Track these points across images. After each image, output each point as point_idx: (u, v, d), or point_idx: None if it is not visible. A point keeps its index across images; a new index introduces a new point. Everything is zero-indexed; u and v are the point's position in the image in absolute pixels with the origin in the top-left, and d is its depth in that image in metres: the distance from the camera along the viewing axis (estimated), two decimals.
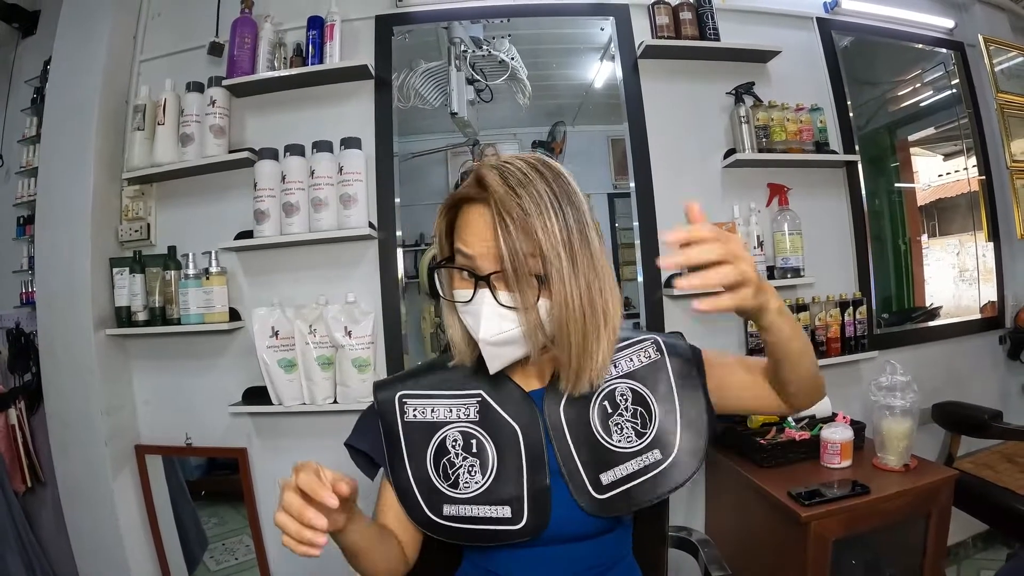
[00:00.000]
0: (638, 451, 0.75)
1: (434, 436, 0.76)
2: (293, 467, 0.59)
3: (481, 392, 0.78)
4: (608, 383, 0.78)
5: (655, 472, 0.74)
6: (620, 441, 0.75)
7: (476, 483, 0.74)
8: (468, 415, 0.77)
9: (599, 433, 0.76)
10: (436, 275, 0.75)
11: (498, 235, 0.66)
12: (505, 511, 0.72)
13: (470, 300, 0.71)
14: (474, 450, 0.75)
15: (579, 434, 0.76)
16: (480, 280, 0.69)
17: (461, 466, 0.75)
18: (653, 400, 0.78)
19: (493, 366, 0.73)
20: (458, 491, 0.74)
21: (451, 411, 0.78)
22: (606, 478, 0.74)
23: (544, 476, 0.74)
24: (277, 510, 0.58)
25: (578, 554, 0.76)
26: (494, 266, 0.68)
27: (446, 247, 0.75)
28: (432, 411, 0.78)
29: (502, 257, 0.65)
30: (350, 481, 0.60)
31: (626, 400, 0.78)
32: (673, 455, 0.75)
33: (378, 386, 0.82)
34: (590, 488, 0.73)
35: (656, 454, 0.75)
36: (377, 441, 0.79)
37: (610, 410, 0.77)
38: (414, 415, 0.78)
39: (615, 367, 0.80)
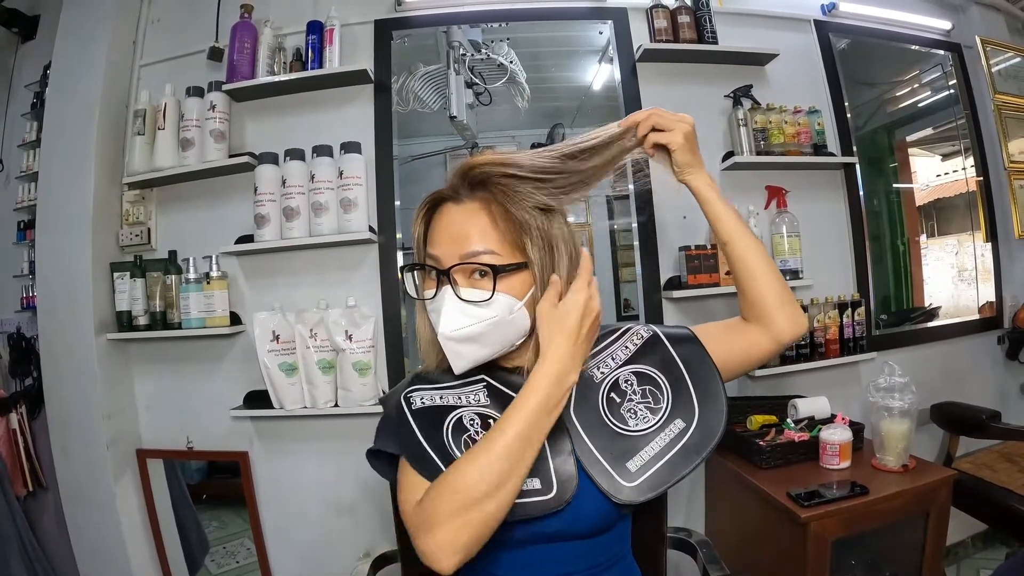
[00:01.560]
0: (659, 427, 0.76)
1: (448, 416, 0.74)
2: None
3: (484, 376, 0.79)
4: (610, 375, 0.80)
5: (685, 440, 0.75)
6: (638, 425, 0.76)
7: None
8: (479, 400, 0.77)
9: (615, 425, 0.76)
10: (412, 278, 0.79)
11: (490, 225, 0.73)
12: (535, 483, 0.70)
13: (434, 296, 0.74)
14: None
15: (595, 431, 0.76)
16: (442, 275, 0.73)
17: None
18: (659, 375, 0.80)
19: (457, 365, 0.74)
20: None
21: (460, 398, 0.77)
22: (634, 464, 0.74)
23: (566, 444, 0.74)
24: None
25: (577, 553, 0.76)
26: (455, 260, 0.72)
27: (422, 253, 0.78)
28: (440, 397, 0.77)
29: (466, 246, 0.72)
30: None
31: (631, 385, 0.79)
32: (696, 417, 0.76)
33: (383, 399, 0.83)
34: (619, 479, 0.73)
35: (679, 423, 0.76)
36: (395, 438, 0.76)
37: (618, 400, 0.78)
38: (422, 402, 0.76)
39: (612, 359, 0.82)
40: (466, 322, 0.72)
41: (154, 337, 1.72)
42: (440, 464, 0.70)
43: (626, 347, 0.83)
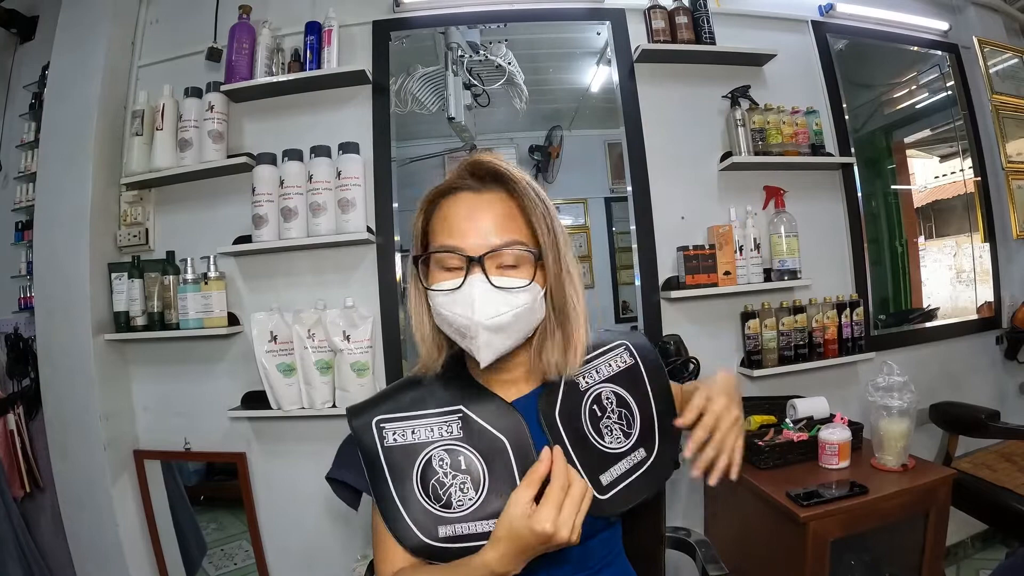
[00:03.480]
0: (627, 450, 0.79)
1: (418, 458, 0.74)
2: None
3: (461, 408, 0.77)
4: (594, 387, 0.82)
5: (643, 469, 0.79)
6: (612, 442, 0.79)
7: (470, 499, 0.72)
8: (451, 432, 0.75)
9: (593, 436, 0.78)
10: (417, 268, 0.77)
11: (510, 216, 0.73)
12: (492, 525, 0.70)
13: (460, 286, 0.71)
14: (463, 467, 0.73)
15: (576, 439, 0.77)
16: (474, 262, 0.70)
17: (452, 484, 0.73)
18: (633, 403, 0.83)
19: (484, 357, 0.71)
20: (452, 511, 0.72)
21: (432, 431, 0.76)
22: (605, 479, 0.77)
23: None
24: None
25: (567, 557, 0.76)
26: (486, 248, 0.71)
27: (426, 244, 0.77)
28: (412, 432, 0.76)
29: (505, 237, 0.71)
30: None
31: (611, 403, 0.82)
32: (655, 453, 0.81)
33: (353, 412, 0.79)
34: (593, 490, 0.73)
35: (641, 452, 0.80)
36: (360, 470, 0.77)
37: (599, 413, 0.80)
38: (394, 439, 0.75)
39: (597, 372, 0.83)
40: (502, 309, 0.71)
41: (152, 338, 1.72)
42: (407, 519, 0.72)
43: (610, 365, 0.85)
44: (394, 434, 0.76)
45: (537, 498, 0.62)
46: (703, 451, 0.70)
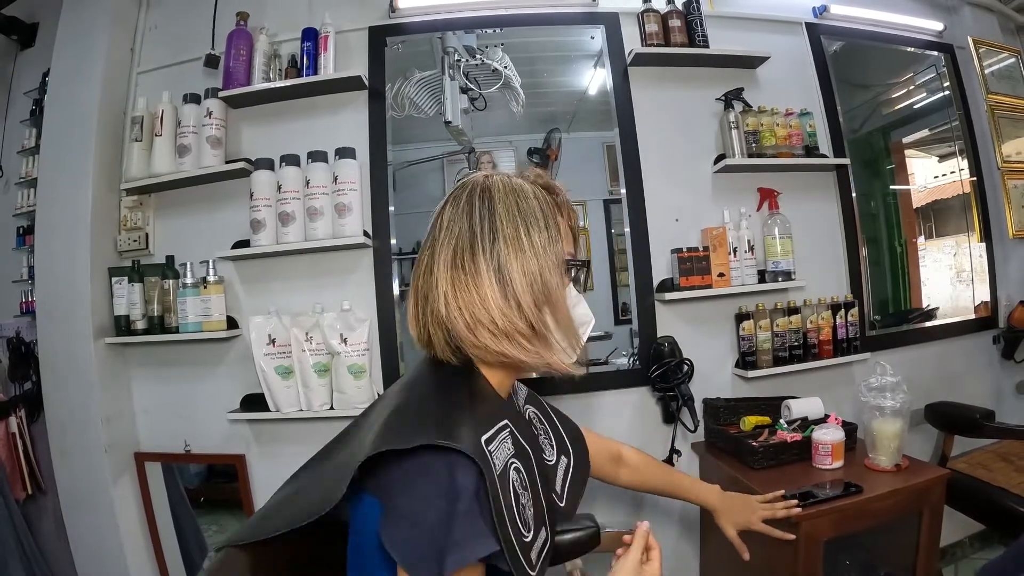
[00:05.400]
0: (556, 460, 0.87)
1: (508, 481, 0.64)
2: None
3: (507, 421, 0.71)
4: (523, 408, 0.89)
5: (571, 473, 0.89)
6: (550, 457, 0.86)
7: (530, 516, 0.67)
8: (510, 449, 0.68)
9: (542, 454, 0.84)
10: (579, 273, 0.78)
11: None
12: (543, 533, 0.69)
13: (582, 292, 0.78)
14: (526, 483, 0.68)
15: (537, 457, 0.81)
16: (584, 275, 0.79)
17: (527, 504, 0.67)
18: (544, 419, 0.92)
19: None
20: (530, 532, 0.66)
21: (501, 448, 0.67)
22: (559, 488, 0.84)
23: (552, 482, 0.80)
24: None
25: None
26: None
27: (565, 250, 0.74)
28: (499, 452, 0.65)
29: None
30: None
31: (537, 420, 0.90)
32: (573, 457, 0.92)
33: (453, 434, 0.59)
34: (557, 501, 0.82)
35: (564, 460, 0.89)
36: (482, 526, 0.58)
37: (535, 432, 0.86)
38: (495, 463, 0.62)
39: (518, 397, 0.90)
40: None
41: (152, 341, 1.74)
42: (523, 561, 0.61)
43: (521, 388, 0.93)
44: (495, 459, 0.63)
45: None
46: None
